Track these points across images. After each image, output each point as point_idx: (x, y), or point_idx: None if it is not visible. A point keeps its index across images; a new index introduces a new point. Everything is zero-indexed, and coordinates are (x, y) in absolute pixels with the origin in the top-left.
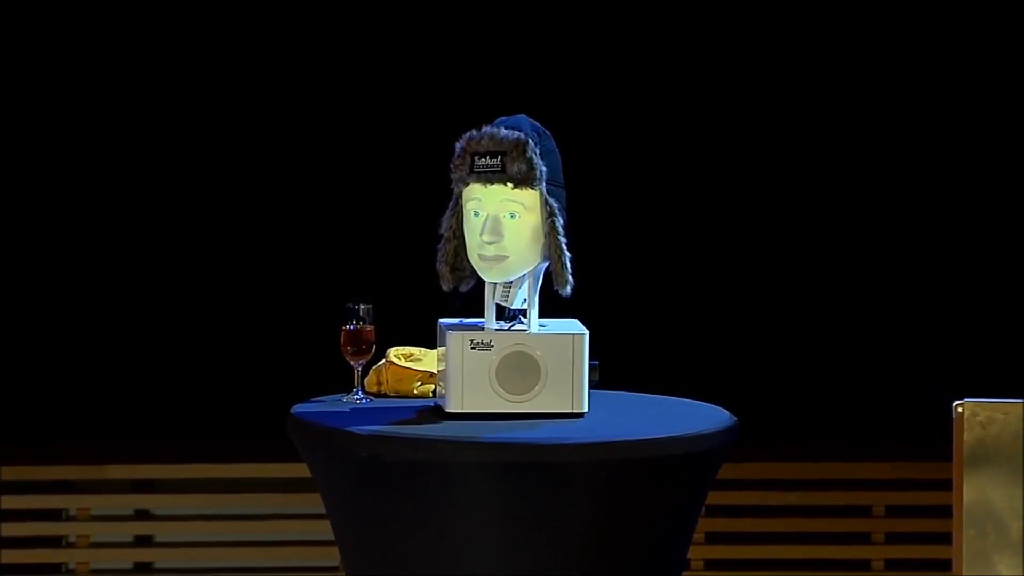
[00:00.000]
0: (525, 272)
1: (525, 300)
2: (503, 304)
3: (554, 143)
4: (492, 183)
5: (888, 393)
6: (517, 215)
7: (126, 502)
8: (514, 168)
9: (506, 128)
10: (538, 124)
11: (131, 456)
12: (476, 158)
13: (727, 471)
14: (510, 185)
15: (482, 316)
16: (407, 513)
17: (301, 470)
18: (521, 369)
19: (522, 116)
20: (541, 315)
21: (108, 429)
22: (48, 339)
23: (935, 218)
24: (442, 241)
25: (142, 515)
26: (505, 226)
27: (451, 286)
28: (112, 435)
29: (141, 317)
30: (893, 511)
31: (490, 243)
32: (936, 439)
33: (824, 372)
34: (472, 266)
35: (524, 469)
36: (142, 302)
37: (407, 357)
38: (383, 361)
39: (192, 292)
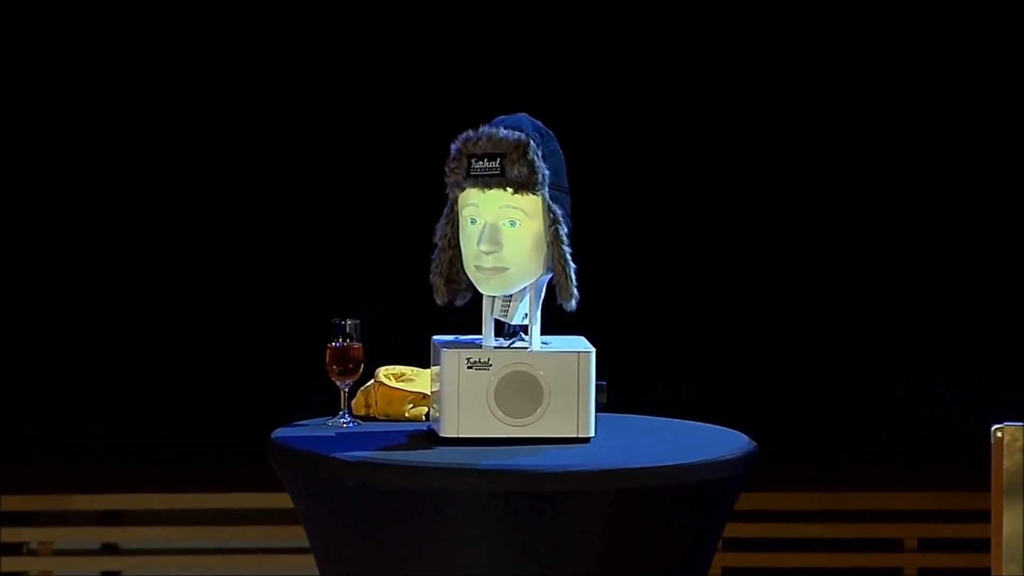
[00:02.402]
0: (526, 285)
1: (526, 315)
2: (502, 319)
3: (558, 144)
4: (490, 188)
5: (921, 416)
6: (518, 223)
7: (92, 535)
8: (514, 171)
9: (506, 128)
10: (540, 124)
11: (97, 485)
12: (473, 160)
13: (745, 501)
14: (510, 190)
15: (479, 332)
16: (398, 547)
17: (282, 500)
18: (522, 390)
19: (523, 115)
20: (544, 331)
21: (72, 456)
22: (5, 356)
23: (966, 232)
24: (436, 251)
25: (109, 549)
26: (504, 235)
27: (446, 300)
28: (76, 462)
29: (107, 330)
30: (926, 545)
31: (488, 253)
32: (973, 466)
33: (851, 394)
34: (468, 278)
35: (525, 499)
36: (108, 315)
37: (398, 377)
38: (372, 381)
39: (163, 305)
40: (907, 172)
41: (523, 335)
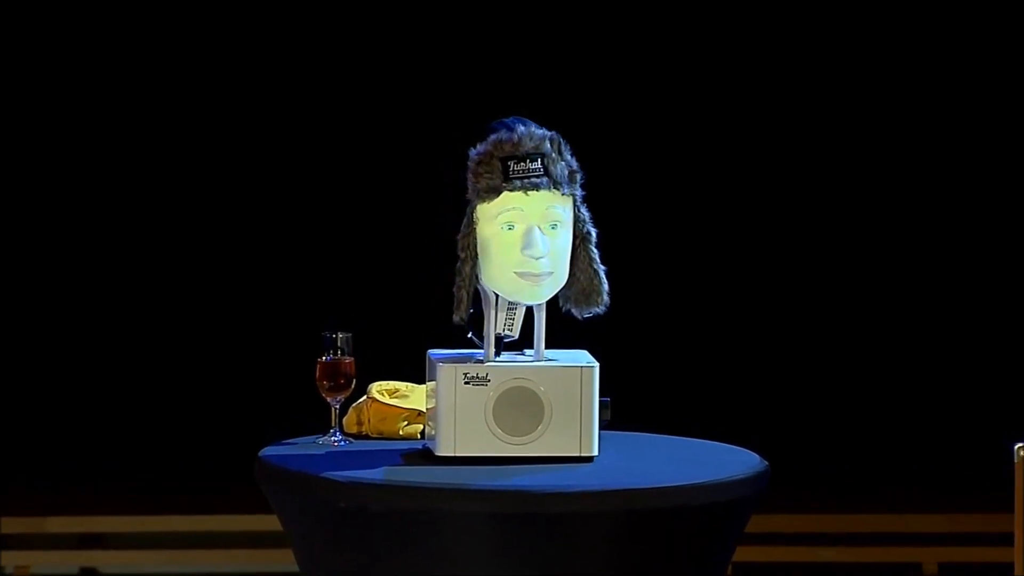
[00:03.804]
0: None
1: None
2: (507, 332)
3: None
4: (538, 189)
5: (941, 434)
6: (558, 225)
7: (70, 559)
8: (557, 170)
9: (530, 127)
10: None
11: (75, 506)
12: (512, 163)
13: (756, 523)
14: (557, 191)
15: (468, 346)
16: (391, 571)
17: (271, 523)
18: (522, 407)
19: (519, 118)
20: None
21: (48, 475)
22: None
23: (993, 249)
24: (459, 263)
25: (88, 574)
26: (548, 238)
27: (465, 315)
28: (53, 482)
29: (85, 345)
30: (947, 570)
31: (539, 258)
32: (996, 486)
33: (867, 410)
34: (474, 291)
35: (525, 521)
36: (85, 329)
37: (391, 393)
38: (364, 398)
39: (144, 317)
40: (904, 185)
41: (525, 350)
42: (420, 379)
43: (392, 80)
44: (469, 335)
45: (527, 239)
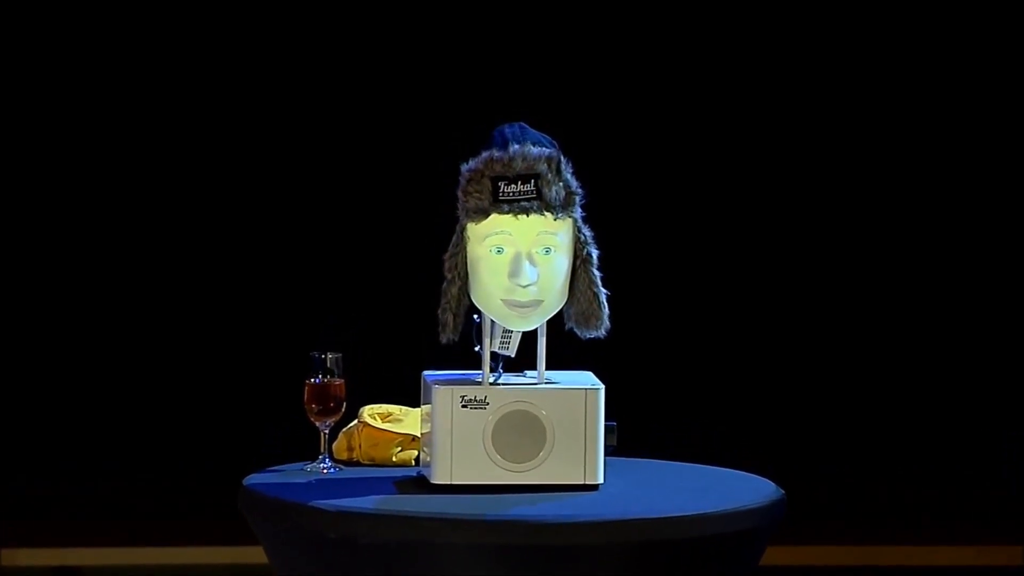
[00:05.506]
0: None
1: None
2: (503, 353)
3: None
4: (528, 214)
5: (971, 460)
6: (552, 250)
7: None
8: (551, 193)
9: (533, 144)
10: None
11: (51, 538)
12: (502, 184)
13: (772, 555)
14: (549, 215)
15: (467, 367)
16: None
17: (256, 554)
18: (522, 431)
19: (524, 124)
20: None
21: (19, 505)
22: None
23: (1018, 261)
24: (445, 284)
25: None
26: (539, 264)
27: (453, 338)
28: (27, 511)
29: (58, 362)
30: None
31: (527, 286)
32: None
33: (891, 434)
34: (465, 312)
35: (527, 553)
36: (60, 345)
37: (384, 417)
38: (355, 422)
39: (123, 335)
40: (905, 193)
41: (526, 371)
42: (415, 402)
43: (381, 97)
44: (477, 348)
45: (513, 267)
